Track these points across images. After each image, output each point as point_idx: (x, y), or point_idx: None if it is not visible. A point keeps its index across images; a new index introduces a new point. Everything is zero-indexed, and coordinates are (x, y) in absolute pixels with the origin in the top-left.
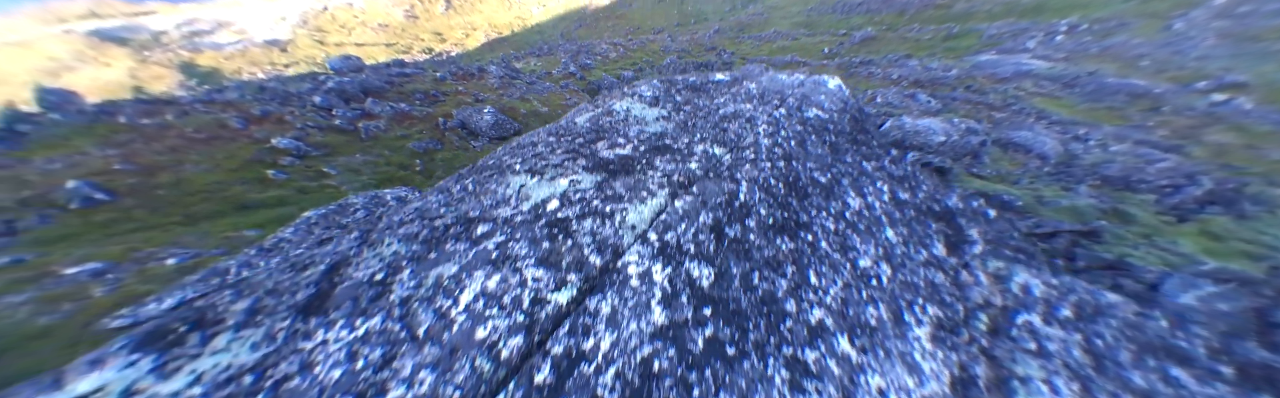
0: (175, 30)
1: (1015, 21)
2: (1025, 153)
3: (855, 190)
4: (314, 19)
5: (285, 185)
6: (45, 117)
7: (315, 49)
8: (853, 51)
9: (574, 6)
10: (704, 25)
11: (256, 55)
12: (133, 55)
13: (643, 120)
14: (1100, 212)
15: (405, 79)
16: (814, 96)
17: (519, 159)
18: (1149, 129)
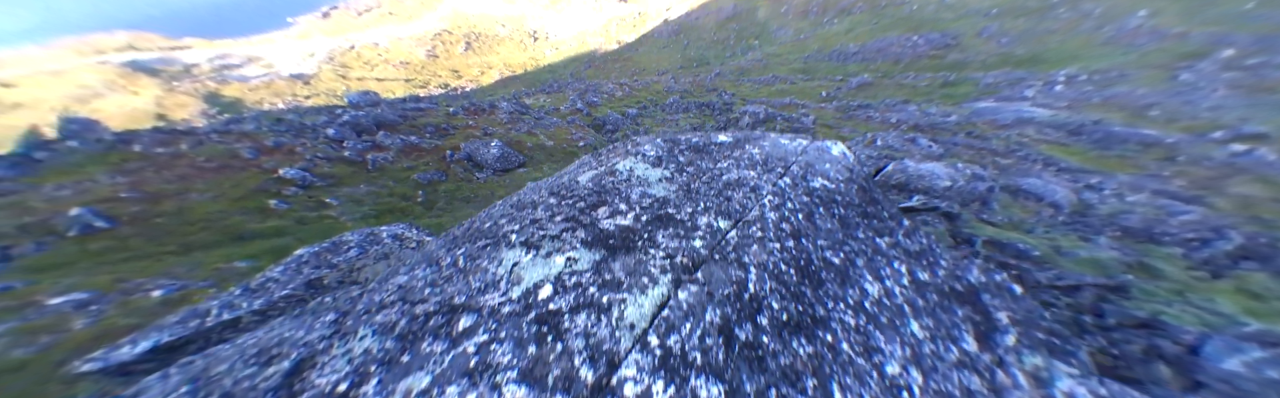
0: (207, 63)
1: (1011, 71)
2: (1036, 200)
3: (872, 273)
4: (340, 56)
5: (285, 215)
6: (63, 144)
7: (337, 83)
8: (850, 96)
9: (584, 50)
10: (705, 69)
11: (280, 87)
12: (161, 85)
13: (645, 181)
14: (1125, 265)
15: (418, 113)
16: (818, 165)
17: (516, 226)
18: (1166, 179)
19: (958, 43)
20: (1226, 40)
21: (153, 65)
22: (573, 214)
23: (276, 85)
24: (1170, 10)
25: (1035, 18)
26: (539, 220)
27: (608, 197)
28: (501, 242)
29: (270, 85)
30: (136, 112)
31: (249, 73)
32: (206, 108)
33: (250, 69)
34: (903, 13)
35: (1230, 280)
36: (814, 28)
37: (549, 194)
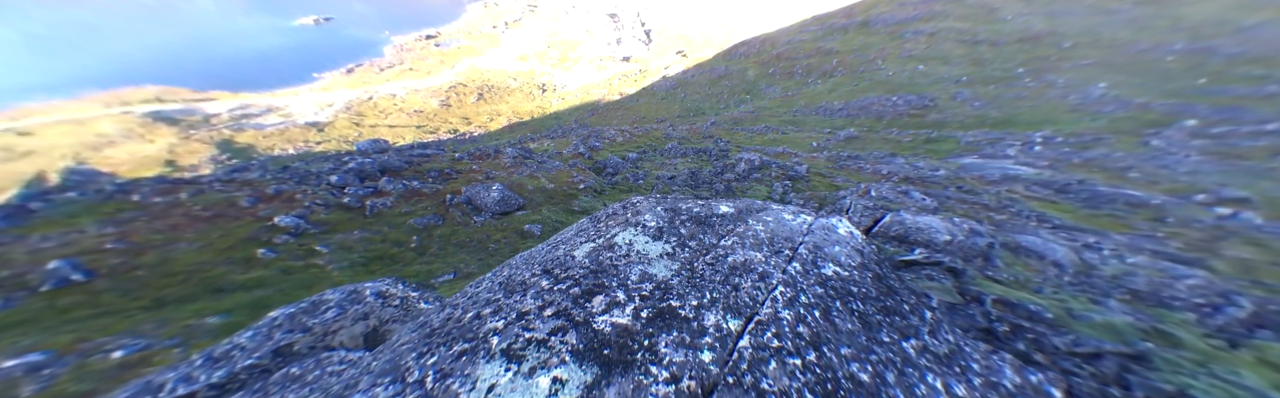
0: (227, 113)
1: (989, 131)
2: (1038, 259)
3: (905, 392)
4: (357, 105)
5: (271, 265)
6: (61, 195)
7: (350, 129)
8: (839, 147)
9: (588, 100)
10: (701, 118)
11: (294, 134)
12: (178, 133)
13: (646, 258)
14: (1141, 331)
15: (424, 158)
16: (827, 248)
17: (500, 322)
18: (1161, 240)
19: (935, 104)
20: (1188, 111)
21: (174, 115)
22: (565, 306)
23: (291, 132)
24: (1128, 83)
25: (1003, 85)
26: (527, 314)
27: (605, 279)
28: (480, 348)
29: (285, 132)
30: (147, 159)
31: (266, 121)
32: (217, 154)
33: (268, 118)
34: (879, 77)
35: (1249, 350)
36: (799, 87)
37: (542, 271)
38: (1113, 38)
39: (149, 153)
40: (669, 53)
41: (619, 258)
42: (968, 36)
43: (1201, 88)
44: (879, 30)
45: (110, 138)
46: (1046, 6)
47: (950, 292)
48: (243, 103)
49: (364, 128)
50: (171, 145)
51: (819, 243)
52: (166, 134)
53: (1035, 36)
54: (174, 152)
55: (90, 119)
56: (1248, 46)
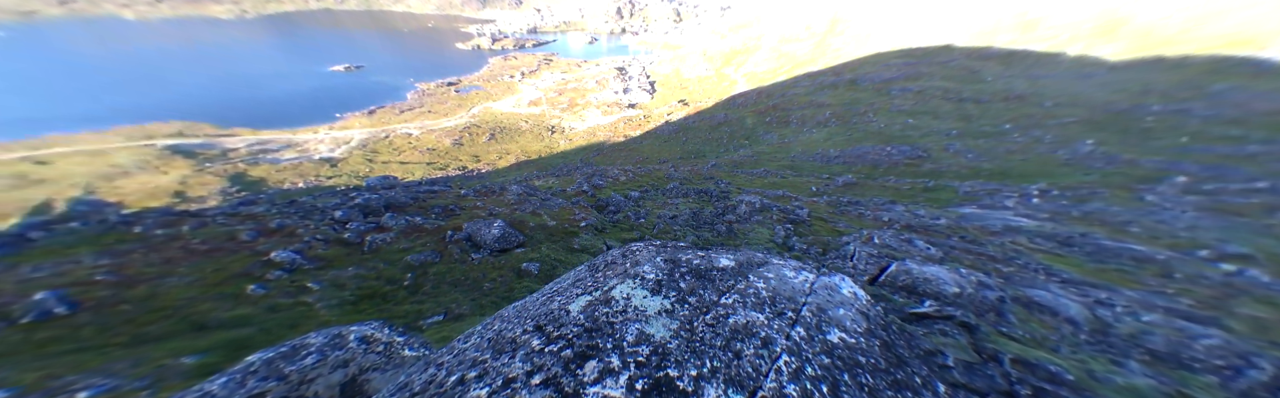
0: (245, 148)
1: (985, 182)
2: (1052, 315)
3: None
4: (373, 143)
5: (259, 302)
6: (64, 224)
7: (363, 165)
8: (838, 192)
9: (594, 141)
10: (702, 160)
11: (308, 168)
12: (194, 166)
13: (643, 314)
14: (1165, 396)
15: (431, 195)
16: (831, 310)
17: (485, 389)
18: (1172, 297)
19: (929, 155)
20: (1176, 168)
21: (193, 149)
22: (555, 373)
23: (304, 167)
24: (1114, 141)
25: (993, 139)
26: (514, 382)
27: (599, 339)
28: None
29: (298, 167)
30: (158, 190)
31: (283, 156)
32: (228, 187)
33: (285, 153)
34: (872, 129)
35: None
36: (795, 134)
37: (534, 328)
38: (1091, 98)
39: (160, 184)
40: (671, 101)
41: (615, 314)
42: (953, 95)
43: (1184, 146)
44: (867, 87)
45: (125, 169)
46: (1025, 70)
47: (965, 349)
48: (262, 139)
49: (376, 164)
50: (184, 177)
51: (822, 304)
52: (182, 167)
53: (1018, 96)
54: (185, 183)
55: (109, 150)
56: (1220, 109)
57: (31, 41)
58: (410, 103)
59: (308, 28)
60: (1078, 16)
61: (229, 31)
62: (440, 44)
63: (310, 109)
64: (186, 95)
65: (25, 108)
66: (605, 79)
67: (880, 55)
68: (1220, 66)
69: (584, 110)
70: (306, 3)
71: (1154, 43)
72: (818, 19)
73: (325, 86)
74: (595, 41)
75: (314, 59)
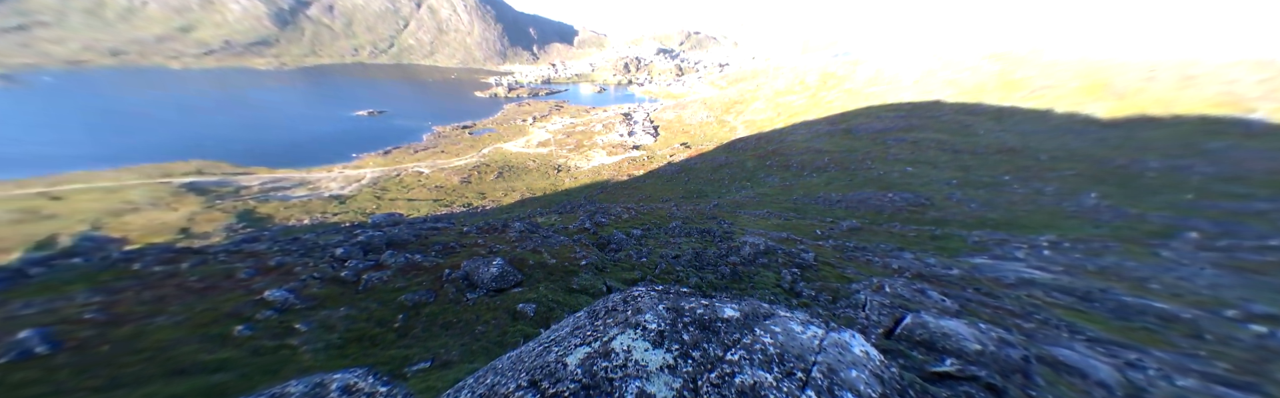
0: (258, 185)
1: (992, 231)
2: (1081, 377)
3: None
4: (384, 181)
5: (244, 344)
6: (65, 260)
7: (371, 202)
8: (844, 236)
9: (598, 179)
10: (705, 200)
11: (316, 206)
12: (205, 203)
13: (644, 370)
14: None
15: (434, 232)
16: (843, 371)
17: None
18: (1205, 360)
19: (932, 203)
20: (1186, 223)
21: (207, 187)
22: None
23: (313, 204)
24: (1117, 194)
25: (994, 190)
26: None
27: (596, 395)
28: None
29: (307, 204)
30: (164, 226)
31: (293, 194)
32: (235, 223)
33: (297, 191)
34: (872, 175)
35: None
36: (795, 178)
37: (529, 383)
38: (1086, 153)
39: (168, 221)
40: (674, 144)
41: (615, 369)
42: (948, 146)
43: (1190, 202)
44: (862, 137)
45: (136, 205)
46: (1016, 125)
47: None
48: (277, 177)
49: (384, 201)
50: (192, 214)
51: (834, 364)
52: (192, 203)
53: (1012, 149)
54: (193, 220)
55: (125, 187)
56: (1220, 167)
57: (76, 87)
58: (425, 144)
59: (339, 78)
60: (1060, 78)
61: (265, 81)
62: (460, 93)
63: (329, 150)
64: (213, 136)
65: (55, 146)
66: (612, 123)
67: (872, 108)
68: (1211, 126)
69: (590, 151)
70: (342, 57)
71: (1141, 103)
72: (810, 75)
73: (347, 129)
74: (604, 91)
75: (340, 105)
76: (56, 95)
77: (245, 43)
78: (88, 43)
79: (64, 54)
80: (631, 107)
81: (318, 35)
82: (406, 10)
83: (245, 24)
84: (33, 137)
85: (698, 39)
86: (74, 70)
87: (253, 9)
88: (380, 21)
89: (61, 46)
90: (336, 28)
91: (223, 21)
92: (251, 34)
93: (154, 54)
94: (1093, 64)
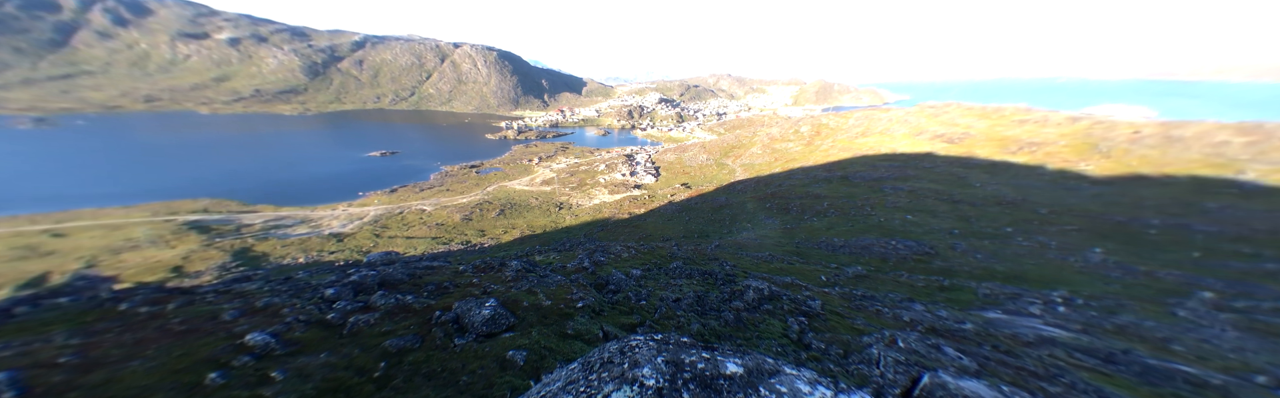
0: (261, 223)
1: (1003, 285)
2: None
3: None
4: (385, 219)
5: (215, 394)
6: (53, 299)
7: (369, 240)
8: (850, 284)
9: (599, 217)
10: (706, 240)
11: (314, 243)
12: (204, 241)
13: None
14: None
15: (428, 271)
16: None
17: None
18: None
19: (936, 252)
20: (1198, 282)
21: (210, 224)
22: None
23: (311, 242)
24: (1123, 251)
25: (998, 241)
26: None
27: None
28: None
29: (305, 242)
30: (158, 264)
31: (294, 232)
32: (229, 262)
33: (298, 229)
34: (872, 222)
35: None
36: (796, 221)
37: None
38: (1084, 209)
39: (163, 259)
40: (675, 184)
41: None
42: (945, 196)
43: (1198, 261)
44: (860, 184)
45: (136, 243)
46: (1010, 179)
47: None
48: (281, 215)
49: (383, 239)
50: (189, 252)
51: None
52: (192, 241)
53: (1011, 202)
54: (188, 258)
55: (130, 225)
56: (1222, 226)
57: (105, 129)
58: (432, 182)
59: (358, 122)
60: (1047, 136)
61: (287, 125)
62: (471, 135)
63: (338, 188)
64: (227, 176)
65: (74, 184)
66: (614, 163)
67: (866, 157)
68: (1204, 186)
69: (592, 189)
70: (364, 103)
71: (1131, 162)
72: (803, 125)
73: (358, 169)
74: (608, 134)
75: (355, 146)
76: (85, 137)
77: (274, 91)
78: (125, 90)
79: (101, 99)
80: (634, 148)
81: (344, 85)
82: (431, 64)
83: (278, 75)
84: (54, 175)
85: (696, 92)
86: (107, 114)
87: (288, 62)
88: (405, 74)
89: (100, 93)
90: (363, 79)
91: (257, 73)
92: (282, 84)
93: (186, 100)
94: (1078, 123)
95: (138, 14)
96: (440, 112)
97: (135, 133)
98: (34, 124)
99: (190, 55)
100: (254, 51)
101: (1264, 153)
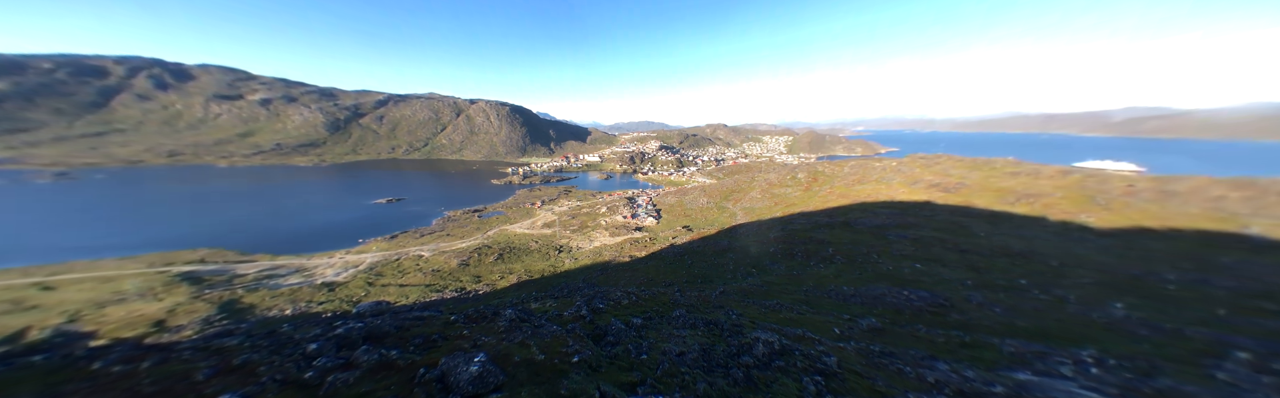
0: (254, 273)
1: (1028, 342)
2: None
3: None
4: (381, 266)
5: None
6: (26, 357)
7: (361, 289)
8: (866, 338)
9: (600, 260)
10: (710, 286)
11: (304, 294)
12: (191, 293)
13: None
14: None
15: (417, 322)
16: None
17: None
18: None
19: (952, 304)
20: (1231, 341)
21: (203, 275)
22: None
23: (301, 292)
24: (1145, 306)
25: (1014, 294)
26: None
27: None
28: None
29: (295, 292)
30: (139, 319)
31: (286, 282)
32: (214, 315)
33: (290, 278)
34: (881, 270)
35: None
36: (802, 267)
37: None
38: (1095, 261)
39: (146, 313)
40: (676, 226)
41: None
42: (951, 245)
43: (1225, 318)
44: (863, 230)
45: (124, 296)
46: (1014, 229)
47: None
48: (276, 264)
49: (376, 287)
50: (176, 305)
51: None
52: (180, 294)
53: (1020, 253)
54: (173, 312)
55: (122, 277)
56: (1241, 283)
57: (122, 183)
58: (433, 227)
59: (370, 171)
60: (1042, 188)
61: (301, 175)
62: (478, 181)
63: (340, 235)
64: (231, 225)
65: (74, 237)
66: (616, 205)
67: (865, 204)
68: (1211, 240)
69: (593, 232)
70: (378, 154)
71: (1132, 215)
72: (800, 172)
73: (362, 216)
74: (611, 177)
75: (363, 194)
76: (101, 189)
77: (294, 145)
78: (150, 146)
79: (125, 155)
80: (636, 191)
81: (362, 138)
82: (447, 118)
83: (301, 130)
84: (60, 227)
85: (695, 140)
86: (128, 168)
87: (312, 119)
88: (421, 127)
89: (125, 149)
90: (381, 132)
91: (282, 128)
92: (303, 138)
93: (207, 155)
94: (1070, 176)
95: (180, 79)
96: (451, 160)
97: (150, 185)
98: (55, 178)
99: (221, 114)
100: (282, 110)
101: (1264, 207)
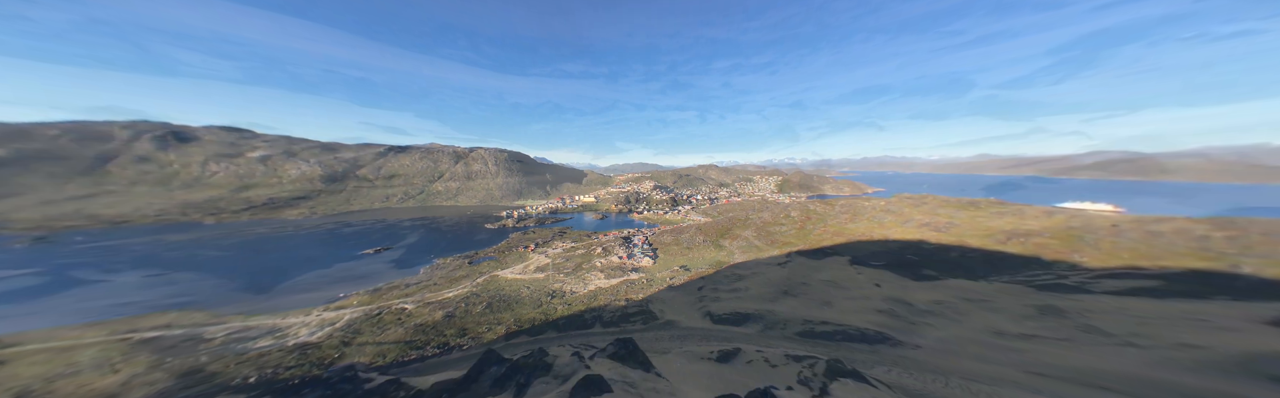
0: (222, 337)
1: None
2: None
3: None
4: (360, 323)
5: None
6: None
7: (335, 350)
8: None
9: (594, 305)
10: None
11: (273, 358)
12: (152, 362)
13: None
14: None
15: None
16: None
17: None
18: None
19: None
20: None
21: (168, 341)
22: None
23: (269, 356)
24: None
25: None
26: None
27: None
28: None
29: (263, 356)
30: (90, 394)
31: (255, 345)
32: (171, 387)
33: (261, 341)
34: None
35: None
36: (807, 307)
37: None
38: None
39: (98, 387)
40: (674, 267)
41: None
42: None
43: None
44: (864, 270)
45: (78, 368)
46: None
47: None
48: (248, 325)
49: (351, 347)
50: (132, 377)
51: None
52: (139, 364)
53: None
54: (128, 384)
55: (80, 347)
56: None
57: (99, 245)
58: (420, 277)
59: (362, 221)
60: (1031, 228)
61: (289, 228)
62: (471, 226)
63: (321, 289)
64: (205, 283)
65: (35, 306)
66: (611, 245)
67: (861, 242)
68: (1206, 279)
69: (588, 274)
70: (371, 203)
71: (1123, 255)
72: (793, 211)
73: (346, 267)
74: (606, 217)
75: (351, 245)
76: (77, 254)
77: (288, 198)
78: (138, 206)
79: (110, 216)
80: (631, 230)
81: (357, 189)
82: (444, 166)
83: (298, 184)
84: (22, 294)
85: (688, 180)
86: (110, 229)
87: (309, 172)
88: (419, 176)
89: (111, 210)
90: (377, 182)
91: (277, 183)
92: (298, 191)
93: (195, 212)
94: (1054, 216)
95: (182, 140)
96: (445, 206)
97: (128, 246)
98: (32, 242)
99: (217, 172)
100: (280, 165)
101: (1249, 247)
